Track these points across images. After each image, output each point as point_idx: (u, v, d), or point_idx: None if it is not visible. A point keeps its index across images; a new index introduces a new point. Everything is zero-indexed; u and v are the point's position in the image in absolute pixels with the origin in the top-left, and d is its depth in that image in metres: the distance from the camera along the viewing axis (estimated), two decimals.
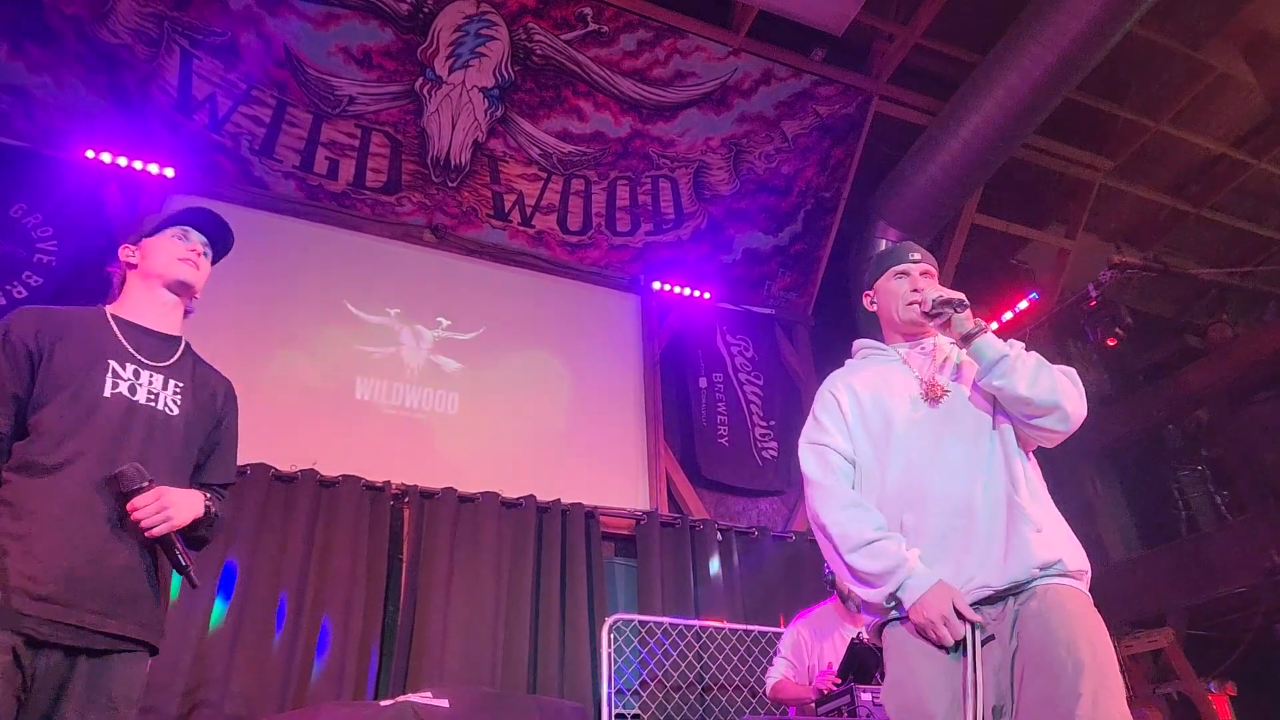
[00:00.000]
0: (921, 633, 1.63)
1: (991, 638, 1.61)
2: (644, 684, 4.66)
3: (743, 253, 6.58)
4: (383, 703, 3.67)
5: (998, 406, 1.83)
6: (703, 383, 6.30)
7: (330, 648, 4.26)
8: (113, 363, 1.78)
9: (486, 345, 5.82)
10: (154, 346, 1.87)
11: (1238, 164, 6.85)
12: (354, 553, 4.55)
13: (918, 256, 2.03)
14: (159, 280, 1.91)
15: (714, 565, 5.44)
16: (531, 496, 5.14)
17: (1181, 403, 6.54)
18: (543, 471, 5.41)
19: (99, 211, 5.07)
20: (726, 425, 6.18)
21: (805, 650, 3.56)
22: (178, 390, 1.85)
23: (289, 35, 5.05)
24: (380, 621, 4.50)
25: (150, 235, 1.95)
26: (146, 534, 1.64)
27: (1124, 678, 6.30)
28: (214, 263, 2.04)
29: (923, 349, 1.98)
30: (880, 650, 1.80)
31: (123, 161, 5.12)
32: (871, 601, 1.72)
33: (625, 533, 5.50)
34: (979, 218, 6.64)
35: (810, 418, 1.98)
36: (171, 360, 1.88)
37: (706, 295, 6.58)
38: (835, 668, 3.28)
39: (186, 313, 2.00)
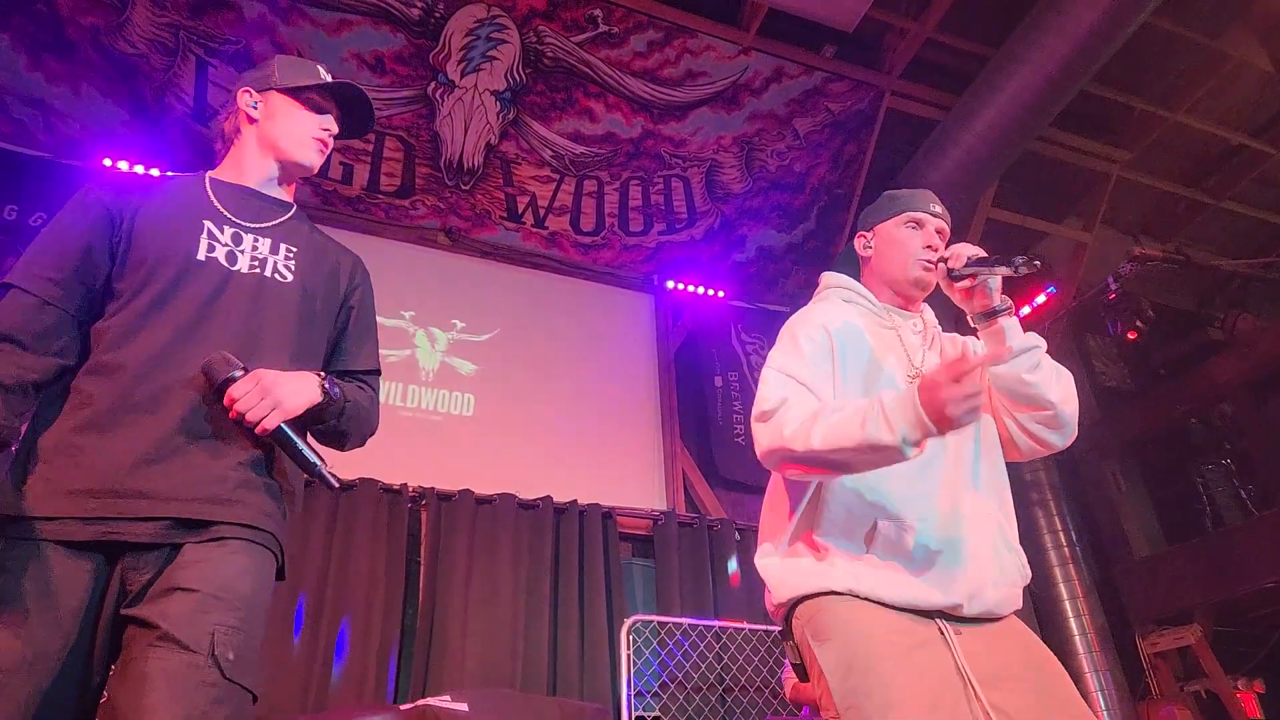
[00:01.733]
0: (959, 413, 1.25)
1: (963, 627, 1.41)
2: (664, 685, 4.64)
3: (756, 251, 6.56)
4: (403, 706, 3.68)
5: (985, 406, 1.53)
6: (718, 381, 6.28)
7: (349, 650, 4.27)
8: (209, 223, 1.49)
9: (501, 347, 5.83)
10: (259, 208, 1.57)
11: (1258, 154, 6.75)
12: (372, 555, 4.56)
13: (939, 209, 1.69)
14: (277, 152, 1.61)
15: (732, 565, 5.41)
16: (548, 498, 5.14)
17: (1205, 396, 6.45)
18: (559, 472, 5.41)
19: None
20: (742, 423, 6.16)
21: None
22: (290, 255, 1.54)
23: (302, 42, 5.08)
24: (399, 624, 4.51)
25: (283, 90, 1.62)
26: (256, 430, 1.34)
27: (1150, 675, 6.18)
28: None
29: (914, 327, 1.67)
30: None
31: (140, 170, 5.18)
32: (880, 452, 1.31)
33: (643, 533, 5.49)
34: (995, 211, 6.58)
35: (786, 339, 1.59)
36: (280, 221, 1.58)
37: (720, 294, 6.57)
38: None
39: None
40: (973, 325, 1.58)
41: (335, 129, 1.66)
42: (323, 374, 1.49)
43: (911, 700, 1.28)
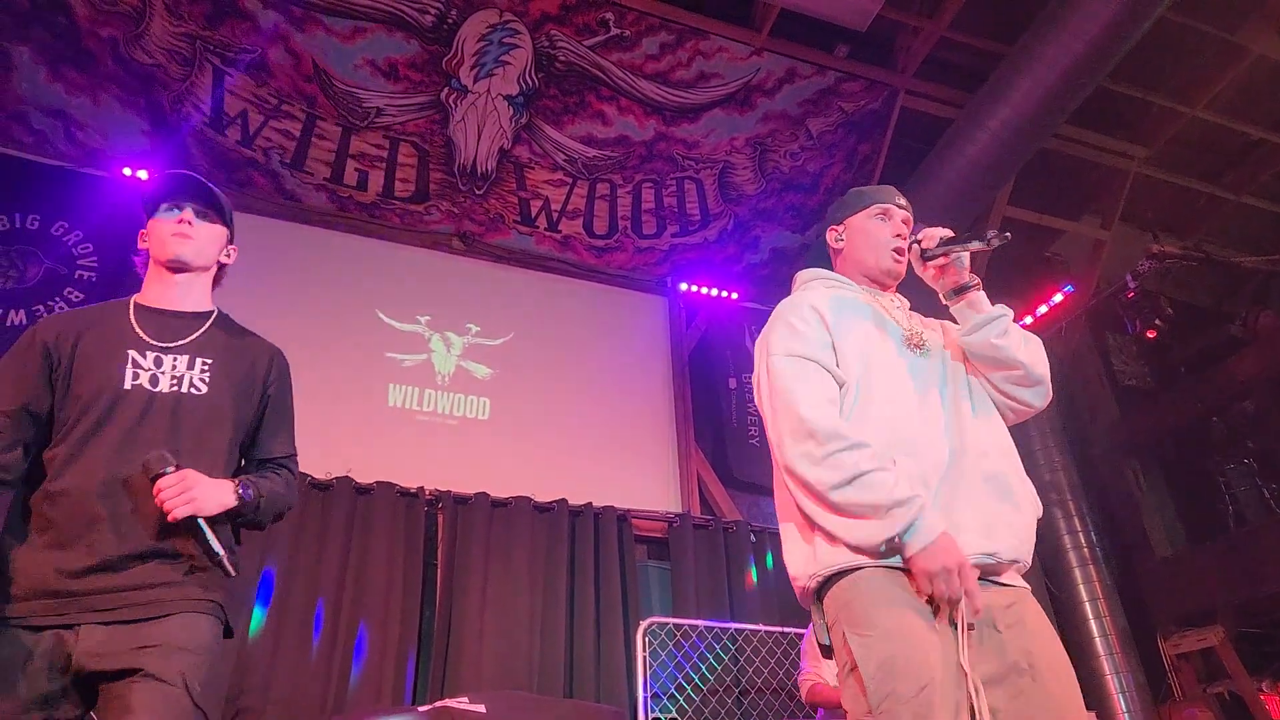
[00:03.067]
0: (920, 585, 1.38)
1: (971, 627, 1.40)
2: (680, 687, 4.64)
3: (770, 252, 6.55)
4: (420, 708, 3.70)
5: (971, 371, 1.68)
6: (732, 383, 6.27)
7: (367, 654, 4.30)
8: (132, 353, 1.72)
9: (516, 350, 5.85)
10: (177, 328, 1.79)
11: (1278, 148, 6.66)
12: (389, 559, 4.59)
13: (903, 202, 1.83)
14: (159, 262, 1.84)
15: (748, 566, 5.40)
16: (563, 500, 5.15)
17: (1226, 394, 6.36)
18: (574, 475, 5.42)
19: (137, 227, 5.17)
20: (756, 425, 6.15)
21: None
22: (205, 367, 1.76)
23: (316, 50, 5.13)
24: (416, 627, 4.53)
25: (148, 215, 1.86)
26: (168, 517, 1.56)
27: (1172, 677, 6.09)
28: (226, 221, 1.90)
29: (895, 303, 1.79)
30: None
31: (142, 175, 5.23)
32: (861, 543, 1.42)
33: (658, 535, 5.49)
34: (1010, 210, 6.53)
35: (780, 326, 1.67)
36: (195, 336, 1.79)
37: (734, 295, 6.56)
38: None
39: (217, 282, 1.92)
40: (944, 302, 1.73)
41: (191, 215, 1.83)
42: (238, 482, 1.71)
43: (940, 703, 1.30)
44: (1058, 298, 6.49)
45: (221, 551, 1.63)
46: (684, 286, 6.49)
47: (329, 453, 4.87)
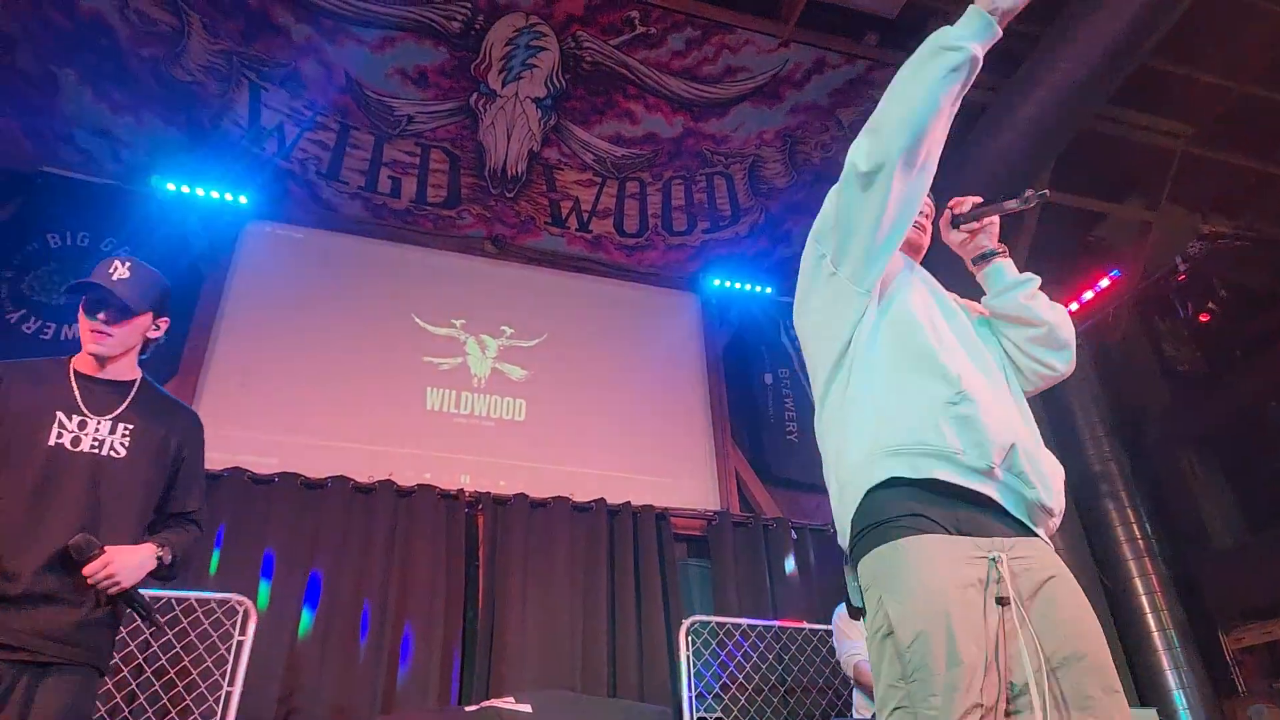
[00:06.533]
0: None
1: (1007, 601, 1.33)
2: (724, 686, 4.61)
3: (802, 246, 6.47)
4: (468, 708, 3.74)
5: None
6: (768, 378, 6.22)
7: (413, 654, 4.35)
8: (60, 414, 1.89)
9: (550, 351, 5.88)
10: (105, 396, 1.97)
11: None
12: (432, 560, 4.64)
13: None
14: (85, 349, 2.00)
15: (789, 564, 5.35)
16: (602, 500, 5.15)
17: None
18: (611, 474, 5.43)
19: (181, 241, 5.34)
20: (795, 421, 6.08)
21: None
22: (126, 432, 1.95)
23: (349, 61, 5.21)
24: (460, 627, 4.57)
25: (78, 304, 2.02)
26: (106, 595, 1.79)
27: (1235, 672, 5.88)
28: (150, 307, 2.03)
29: (921, 275, 1.79)
30: None
31: (201, 193, 5.39)
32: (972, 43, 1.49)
33: (697, 533, 5.46)
34: (1052, 193, 6.36)
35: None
36: (121, 406, 1.98)
37: (768, 290, 6.51)
38: None
39: (144, 350, 2.07)
40: (971, 268, 1.78)
41: (104, 323, 1.96)
42: (159, 545, 1.91)
43: (977, 679, 1.26)
44: (1104, 283, 6.30)
45: (146, 611, 1.87)
46: (716, 282, 6.45)
47: (371, 457, 4.94)
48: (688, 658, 4.38)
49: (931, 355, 1.51)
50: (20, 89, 4.95)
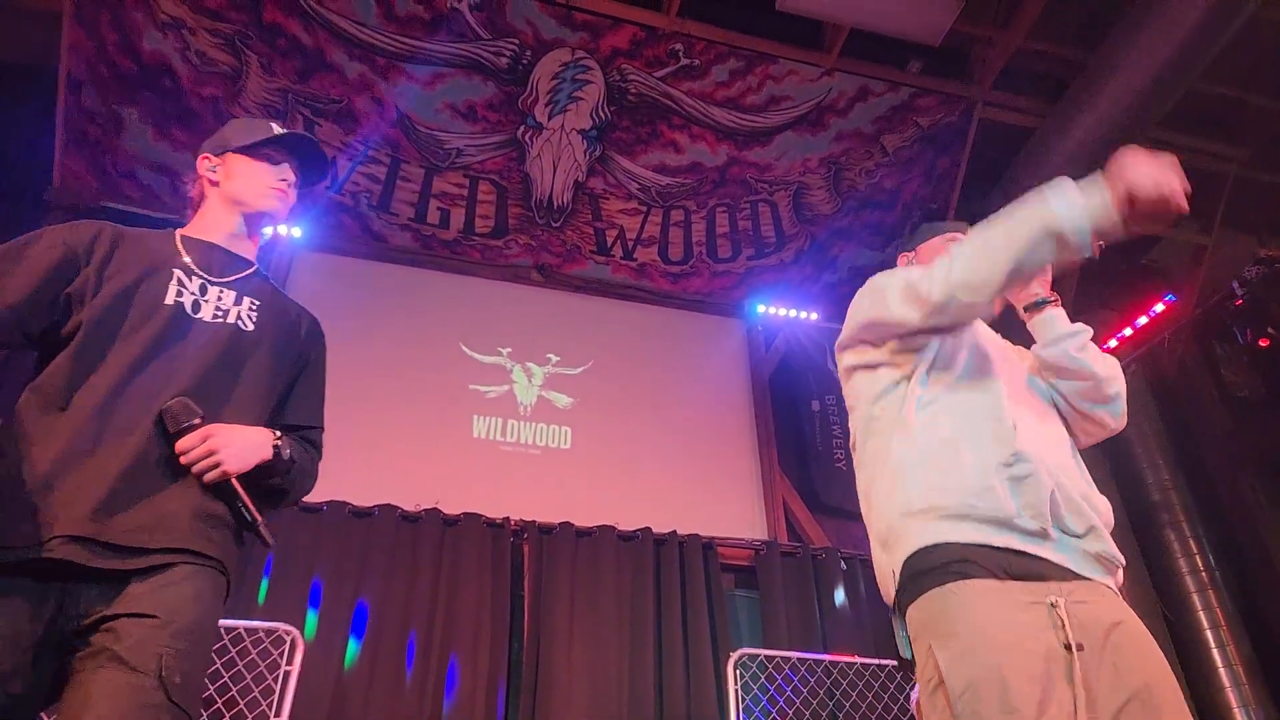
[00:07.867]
0: (1152, 205, 1.31)
1: (1080, 647, 1.29)
2: None
3: (848, 271, 6.45)
4: None
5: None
6: (815, 406, 6.16)
7: (459, 685, 4.33)
8: (178, 272, 1.56)
9: (596, 379, 5.90)
10: (225, 263, 1.64)
11: None
12: (478, 590, 4.63)
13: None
14: (242, 206, 1.69)
15: (839, 595, 5.25)
16: (648, 529, 5.12)
17: None
18: (657, 503, 5.39)
19: None
20: (842, 449, 6.01)
21: None
22: (254, 307, 1.62)
23: (399, 97, 5.34)
24: (506, 658, 4.54)
25: (239, 152, 1.71)
26: (203, 479, 1.40)
27: None
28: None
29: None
30: None
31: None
32: (1038, 255, 1.40)
33: (745, 564, 5.39)
34: None
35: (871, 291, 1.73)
36: (243, 275, 1.66)
37: (814, 316, 6.47)
38: None
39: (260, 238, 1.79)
40: (1022, 316, 1.71)
41: (292, 178, 1.74)
42: (278, 434, 1.53)
43: (1023, 716, 1.21)
44: (1158, 308, 6.17)
45: (255, 519, 1.46)
46: (761, 308, 6.44)
47: (418, 485, 4.97)
48: (736, 691, 4.30)
49: (985, 408, 1.51)
50: (85, 128, 5.15)
